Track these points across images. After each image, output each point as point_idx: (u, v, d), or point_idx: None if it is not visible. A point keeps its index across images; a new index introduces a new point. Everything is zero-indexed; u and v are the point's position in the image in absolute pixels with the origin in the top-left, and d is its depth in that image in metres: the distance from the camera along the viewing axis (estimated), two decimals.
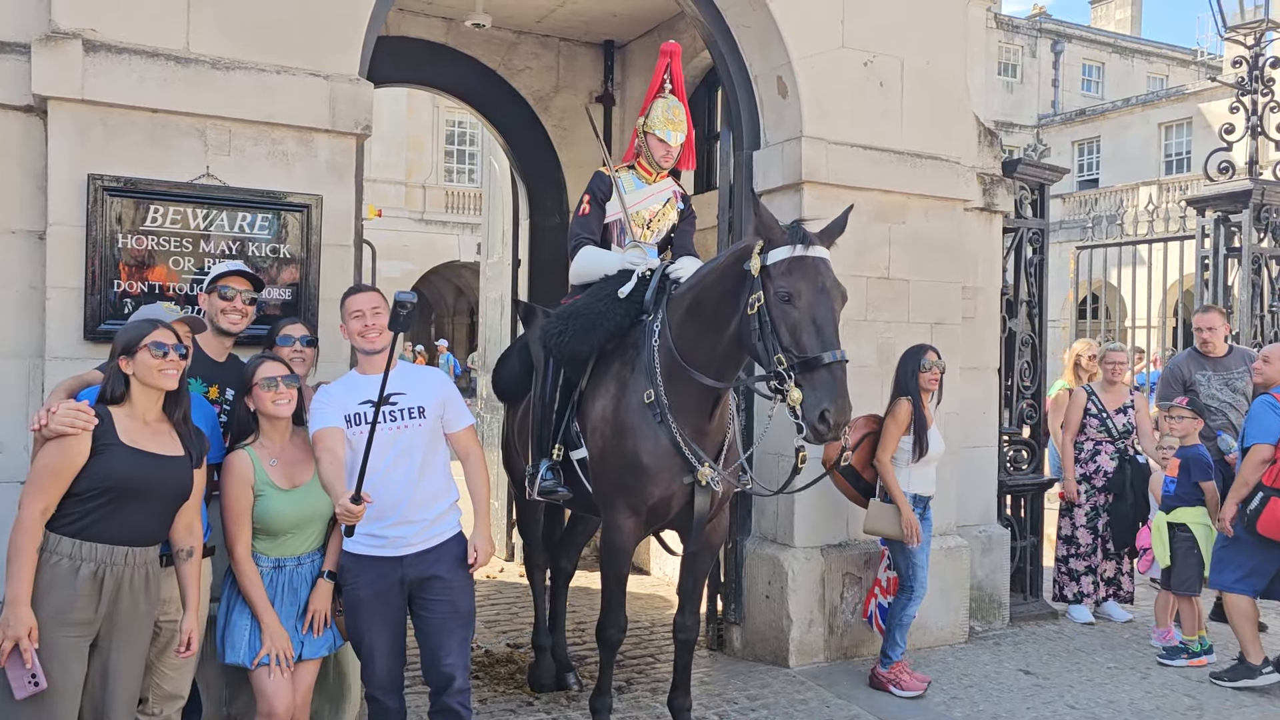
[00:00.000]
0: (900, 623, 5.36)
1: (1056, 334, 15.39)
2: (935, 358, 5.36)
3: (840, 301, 3.97)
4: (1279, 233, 8.34)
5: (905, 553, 5.30)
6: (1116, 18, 42.32)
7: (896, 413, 5.30)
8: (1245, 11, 8.55)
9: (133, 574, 3.20)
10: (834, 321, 3.87)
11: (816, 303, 3.85)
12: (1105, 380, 7.05)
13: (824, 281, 3.91)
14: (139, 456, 3.18)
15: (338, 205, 4.57)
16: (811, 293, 3.87)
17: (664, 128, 5.04)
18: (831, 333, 3.83)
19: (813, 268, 3.91)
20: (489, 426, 8.40)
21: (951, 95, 6.28)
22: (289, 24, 4.50)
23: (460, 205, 31.95)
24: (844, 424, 3.76)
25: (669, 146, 5.05)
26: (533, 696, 5.15)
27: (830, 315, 3.86)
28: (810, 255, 3.93)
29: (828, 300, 3.88)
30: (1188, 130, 30.56)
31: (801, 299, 3.86)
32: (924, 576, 5.35)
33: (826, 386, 3.74)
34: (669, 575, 7.34)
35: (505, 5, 7.40)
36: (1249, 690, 5.50)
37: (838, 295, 3.95)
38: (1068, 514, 6.95)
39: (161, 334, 3.26)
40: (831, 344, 3.80)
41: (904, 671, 5.33)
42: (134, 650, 3.26)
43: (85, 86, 4.09)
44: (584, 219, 5.05)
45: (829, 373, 3.76)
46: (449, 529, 3.76)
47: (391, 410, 3.61)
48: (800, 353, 3.81)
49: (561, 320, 4.67)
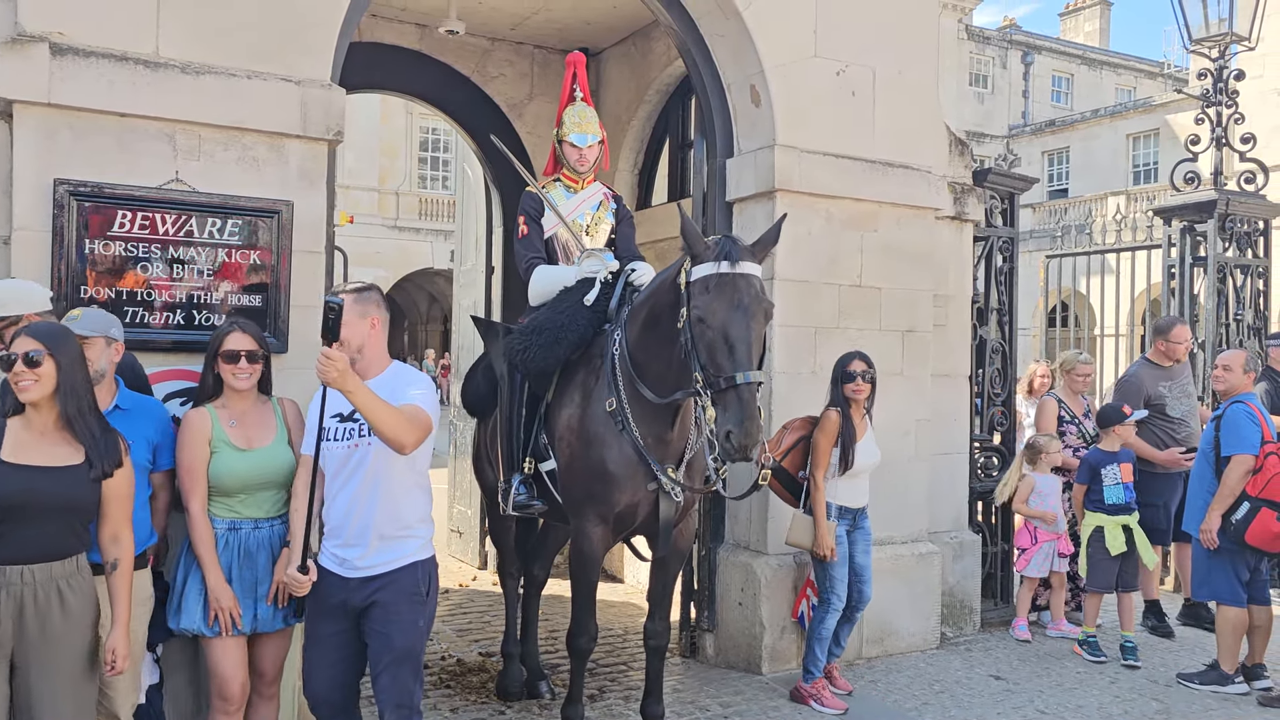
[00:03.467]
0: (818, 636, 5.26)
1: (1027, 342, 15.55)
2: (864, 367, 5.24)
3: (761, 318, 3.90)
4: (1244, 242, 8.47)
5: (823, 566, 5.23)
6: (1085, 30, 42.87)
7: (825, 425, 5.21)
8: (1210, 25, 8.67)
9: (36, 593, 3.04)
10: (748, 341, 3.81)
11: (730, 321, 3.83)
12: (1069, 390, 7.13)
13: (741, 299, 3.86)
14: (23, 472, 3.03)
15: (309, 211, 4.54)
16: (726, 311, 3.84)
17: (573, 132, 5.15)
18: (744, 353, 3.79)
19: (730, 286, 3.88)
20: (462, 434, 8.37)
21: (923, 105, 6.34)
22: (260, 28, 4.47)
23: (434, 212, 31.87)
24: (750, 446, 3.72)
25: (580, 150, 5.13)
26: (505, 705, 5.12)
27: (744, 335, 3.81)
28: (729, 272, 3.90)
29: (743, 319, 3.83)
30: (1155, 141, 30.96)
31: (716, 318, 3.84)
32: (842, 590, 5.24)
33: (734, 408, 3.74)
34: (642, 583, 7.32)
35: (479, 12, 7.39)
36: (1216, 695, 5.56)
37: (758, 312, 3.88)
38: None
39: (21, 342, 3.09)
40: (743, 365, 3.76)
41: (826, 689, 5.24)
42: (56, 673, 3.08)
43: (52, 90, 4.04)
44: (526, 239, 5.11)
45: (737, 394, 3.74)
46: (401, 557, 3.44)
47: (348, 427, 3.47)
48: (715, 372, 3.81)
49: (525, 336, 4.66)
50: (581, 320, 4.62)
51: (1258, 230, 8.55)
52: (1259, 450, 5.50)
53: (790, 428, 5.42)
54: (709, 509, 5.94)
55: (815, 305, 5.87)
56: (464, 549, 8.41)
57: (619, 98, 8.02)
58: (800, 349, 5.81)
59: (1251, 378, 5.87)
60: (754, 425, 3.72)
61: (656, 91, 7.71)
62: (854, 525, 5.37)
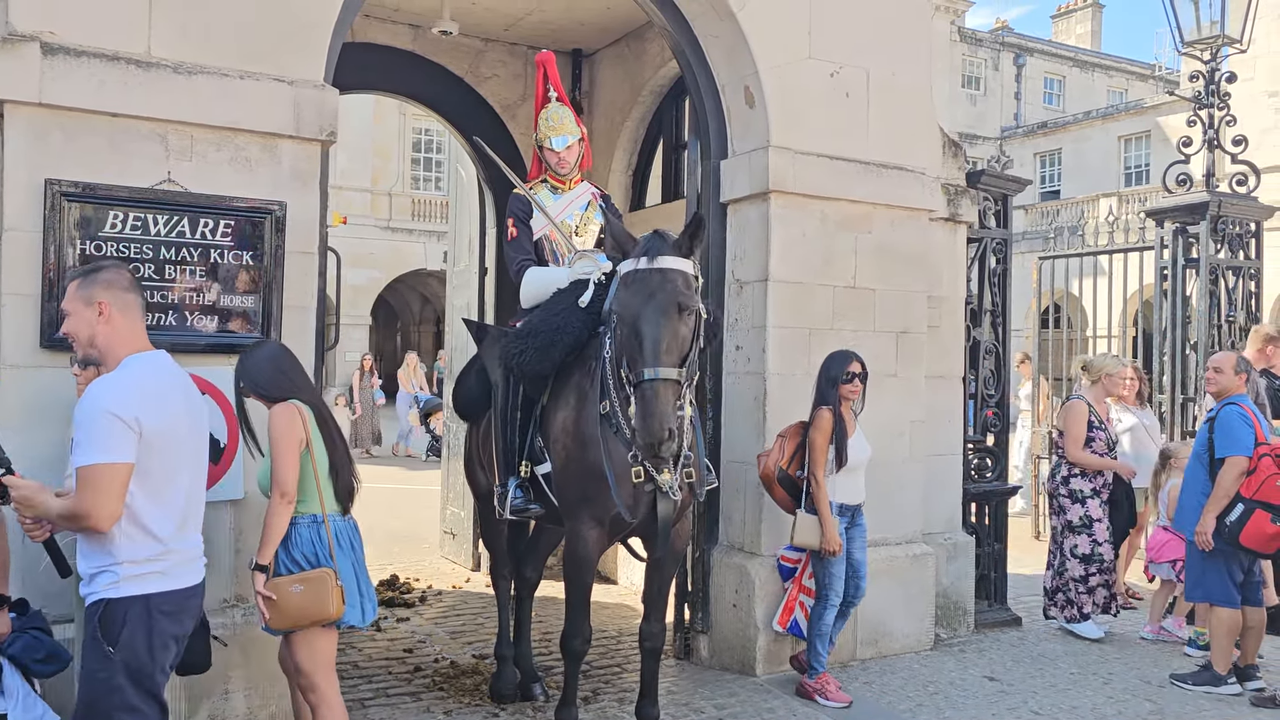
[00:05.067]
0: (819, 632, 5.34)
1: (1019, 343, 15.55)
2: (858, 368, 5.29)
3: (675, 312, 3.87)
4: (1235, 244, 8.49)
5: (823, 562, 5.31)
6: (1077, 32, 43.00)
7: (819, 424, 5.23)
8: (1202, 27, 8.70)
9: None
10: (656, 337, 3.80)
11: (640, 317, 3.86)
12: (1102, 394, 7.04)
13: (653, 294, 3.86)
14: None
15: (302, 212, 4.53)
16: (638, 306, 3.87)
17: (549, 135, 5.15)
18: (651, 349, 3.79)
19: (643, 281, 3.89)
20: (455, 436, 8.35)
21: (917, 106, 6.34)
22: (253, 28, 4.45)
23: (426, 213, 31.82)
24: (654, 444, 3.73)
25: (559, 153, 5.15)
26: (499, 708, 5.10)
27: (654, 331, 3.81)
28: (645, 268, 3.90)
29: (654, 315, 3.84)
30: (1147, 143, 31.07)
31: (629, 313, 3.88)
32: (839, 586, 5.33)
33: (640, 405, 3.77)
34: (635, 584, 7.32)
35: (472, 13, 7.38)
36: (1209, 696, 5.57)
37: (671, 308, 3.86)
38: (1086, 531, 6.68)
39: None
40: (651, 361, 3.77)
41: (830, 681, 5.31)
42: None
43: (43, 90, 4.02)
44: (515, 242, 5.12)
45: (641, 392, 3.77)
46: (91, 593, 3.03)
47: None
48: (630, 368, 3.84)
49: (520, 339, 4.65)
50: (576, 323, 4.61)
51: (1249, 232, 8.58)
52: (1253, 452, 5.51)
53: (787, 435, 5.43)
54: (703, 510, 5.93)
55: (809, 306, 5.87)
56: (457, 551, 8.39)
57: (612, 99, 8.01)
58: (794, 350, 5.80)
59: (1243, 379, 5.88)
60: (656, 423, 3.73)
61: (650, 93, 7.70)
62: (852, 522, 5.41)
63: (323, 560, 3.69)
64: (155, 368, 3.12)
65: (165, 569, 3.04)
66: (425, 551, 8.96)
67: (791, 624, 5.54)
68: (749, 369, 5.86)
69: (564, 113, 5.19)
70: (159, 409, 3.02)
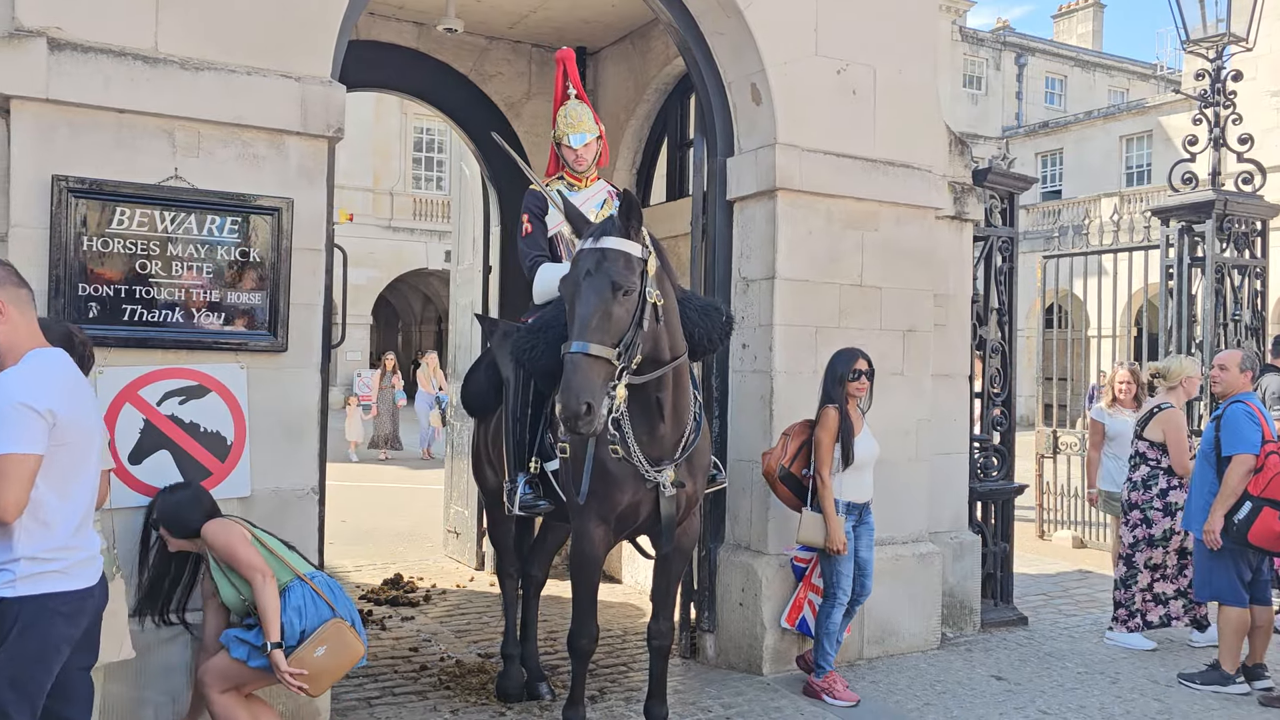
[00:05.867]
0: (826, 631, 5.33)
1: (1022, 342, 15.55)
2: (865, 365, 5.30)
3: (607, 289, 3.88)
4: (1241, 243, 8.48)
5: (830, 560, 5.30)
6: (1079, 32, 43.00)
7: (826, 422, 5.23)
8: (1207, 25, 8.68)
9: None
10: (585, 313, 3.85)
11: (575, 294, 3.95)
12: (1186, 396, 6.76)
13: (587, 270, 3.93)
14: None
15: (309, 209, 4.51)
16: (572, 283, 3.97)
17: (569, 133, 5.16)
18: (580, 324, 3.84)
19: (582, 259, 3.99)
20: (459, 435, 8.34)
21: (923, 104, 6.32)
22: (260, 25, 4.43)
23: (428, 212, 31.82)
24: (569, 418, 3.73)
25: (576, 150, 5.16)
26: (505, 707, 5.09)
27: (584, 307, 3.86)
28: (586, 247, 4.00)
29: (586, 291, 3.90)
30: (1148, 143, 31.07)
31: (566, 289, 4.01)
32: (847, 585, 5.32)
33: (563, 378, 3.80)
34: (641, 583, 7.31)
35: (477, 10, 7.36)
36: (1217, 696, 5.55)
37: (604, 285, 3.89)
38: (1164, 544, 6.46)
39: None
40: (578, 334, 3.83)
41: (838, 680, 5.30)
42: None
43: (50, 86, 4.00)
44: (530, 237, 5.12)
45: (565, 364, 3.82)
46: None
47: None
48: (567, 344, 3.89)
49: (532, 334, 4.63)
50: None
51: (1255, 230, 8.56)
52: (1260, 449, 5.49)
53: (791, 433, 5.42)
54: (709, 509, 5.92)
55: (816, 304, 5.86)
56: (461, 550, 8.37)
57: (617, 96, 7.99)
58: (801, 348, 5.79)
59: (1249, 377, 5.86)
60: (570, 396, 3.73)
61: (655, 90, 7.68)
62: (859, 520, 5.40)
63: (324, 614, 3.89)
64: (62, 362, 3.06)
65: (65, 568, 2.96)
66: (429, 550, 8.94)
67: (800, 622, 5.53)
68: (755, 367, 5.85)
69: (583, 110, 5.18)
70: (71, 402, 2.98)
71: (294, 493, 4.48)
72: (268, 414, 4.42)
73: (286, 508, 4.46)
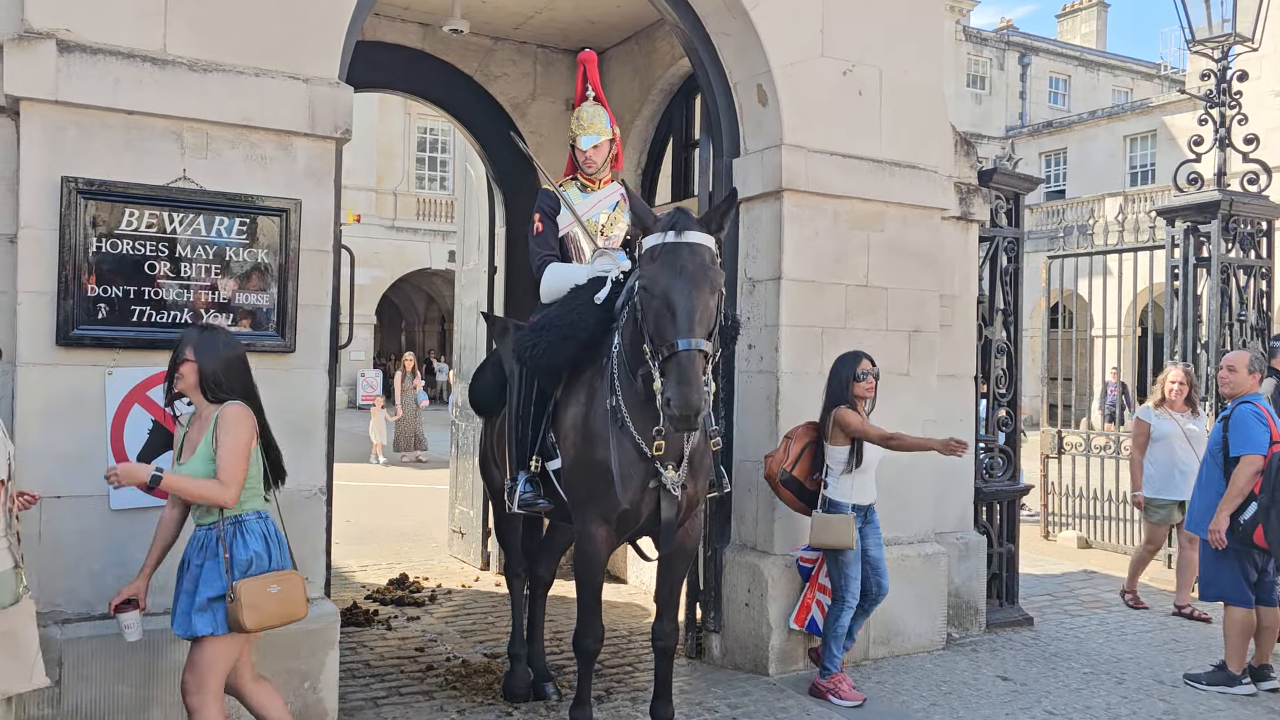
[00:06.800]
0: (834, 633, 5.32)
1: (1026, 342, 15.54)
2: (870, 366, 5.31)
3: (707, 288, 3.86)
4: (1247, 243, 8.48)
5: (839, 563, 5.27)
6: (1082, 31, 42.94)
7: (845, 417, 5.22)
8: (1212, 25, 8.68)
9: None
10: (689, 308, 3.78)
11: (672, 289, 3.82)
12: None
13: (684, 266, 3.84)
14: None
15: (317, 210, 4.52)
16: (668, 279, 3.83)
17: (581, 134, 5.16)
18: (685, 320, 3.76)
19: (673, 253, 3.87)
20: (464, 435, 8.35)
21: (929, 105, 6.32)
22: (268, 26, 4.44)
23: (431, 212, 31.83)
24: (690, 415, 3.67)
25: (586, 152, 5.16)
26: (511, 707, 5.09)
27: (686, 301, 3.79)
28: (673, 241, 3.89)
29: (685, 286, 3.81)
30: (1152, 142, 31.02)
31: (659, 285, 3.84)
32: (855, 587, 5.29)
33: (674, 375, 3.72)
34: (646, 584, 7.31)
35: (483, 11, 7.37)
36: (1223, 696, 5.55)
37: (702, 281, 3.85)
38: None
39: None
40: (683, 331, 3.74)
41: (844, 681, 5.29)
42: None
43: (59, 88, 4.01)
44: (540, 237, 5.11)
45: (676, 361, 3.73)
46: None
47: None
48: (659, 341, 3.81)
49: (534, 333, 4.64)
50: (591, 318, 4.59)
51: (1261, 231, 8.57)
52: (1267, 450, 5.49)
53: (794, 436, 5.42)
54: (715, 510, 5.92)
55: (822, 305, 5.86)
56: (466, 550, 8.38)
57: (622, 97, 7.99)
58: (807, 349, 5.79)
59: (1257, 378, 5.86)
60: (692, 392, 3.67)
61: (660, 91, 7.69)
62: (865, 520, 5.40)
63: (286, 562, 3.71)
64: None
65: None
66: (434, 550, 8.95)
67: (809, 623, 5.53)
68: (761, 368, 5.85)
69: (596, 112, 5.18)
70: None
71: (302, 493, 4.49)
72: (276, 414, 4.38)
73: (295, 508, 4.45)
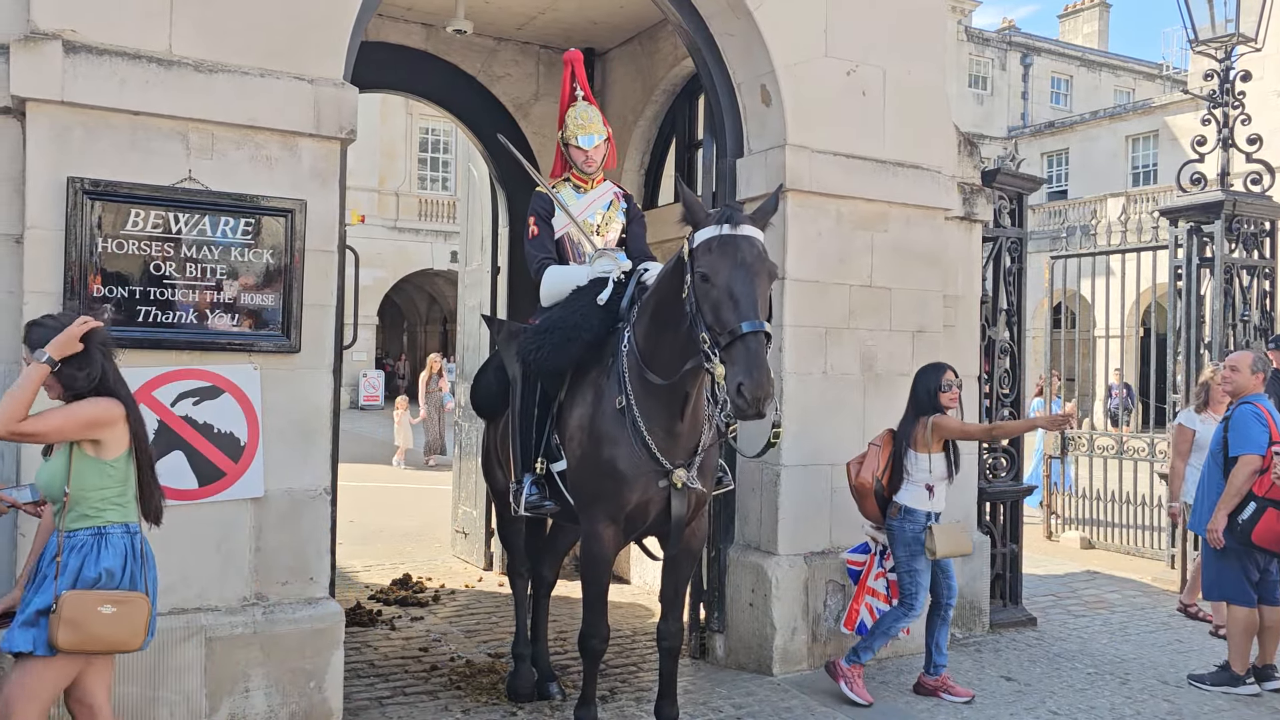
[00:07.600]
0: (884, 630, 5.35)
1: (1029, 342, 15.55)
2: (953, 376, 5.35)
3: (766, 277, 3.90)
4: (1250, 243, 8.47)
5: (913, 571, 5.28)
6: (1084, 32, 42.90)
7: (945, 423, 5.26)
8: (1215, 26, 8.68)
9: None
10: (753, 295, 3.80)
11: (734, 278, 3.83)
12: None
13: (743, 256, 3.87)
14: None
15: (321, 210, 4.53)
16: (729, 268, 3.85)
17: (578, 134, 5.14)
18: (749, 305, 3.77)
19: (731, 244, 3.89)
20: (467, 435, 8.35)
21: (933, 105, 6.32)
22: (273, 27, 4.45)
23: (433, 213, 31.82)
24: (763, 398, 3.67)
25: (586, 151, 5.13)
26: (516, 707, 5.10)
27: (749, 289, 3.81)
28: (732, 233, 3.92)
29: (746, 274, 3.84)
30: (1154, 143, 30.99)
31: (719, 275, 3.85)
32: (924, 596, 5.32)
33: (742, 359, 3.70)
34: (649, 584, 7.32)
35: (486, 12, 7.37)
36: (1227, 696, 5.55)
37: (761, 270, 3.89)
38: None
39: None
40: (748, 315, 3.75)
41: (860, 677, 5.32)
42: None
43: (65, 88, 4.02)
44: (537, 240, 5.10)
45: (744, 345, 3.72)
46: None
47: None
48: (720, 328, 3.80)
49: (538, 335, 4.64)
50: (594, 319, 4.60)
51: (1264, 231, 8.56)
52: (1266, 451, 5.49)
53: (881, 443, 5.45)
54: (719, 509, 5.92)
55: (825, 305, 5.86)
56: (469, 550, 8.39)
57: (625, 98, 8.00)
58: (810, 349, 5.79)
59: (1260, 379, 5.86)
60: (764, 375, 3.67)
61: (663, 91, 7.69)
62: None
63: (137, 585, 3.31)
64: None
65: None
66: (437, 550, 8.96)
67: (859, 626, 5.53)
68: None
69: (592, 112, 5.18)
70: None
71: (306, 493, 4.50)
72: (281, 415, 4.43)
73: (299, 508, 4.48)
